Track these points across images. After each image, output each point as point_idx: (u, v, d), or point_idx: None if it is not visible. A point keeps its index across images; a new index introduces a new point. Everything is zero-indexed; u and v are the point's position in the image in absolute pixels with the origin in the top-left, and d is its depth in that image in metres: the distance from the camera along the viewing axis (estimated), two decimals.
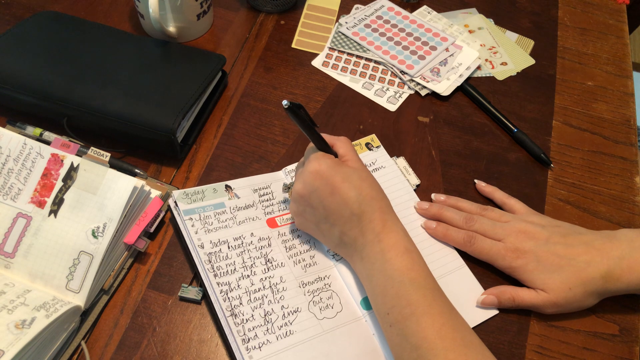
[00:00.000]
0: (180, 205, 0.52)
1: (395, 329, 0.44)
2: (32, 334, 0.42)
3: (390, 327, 0.44)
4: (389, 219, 0.48)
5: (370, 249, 0.47)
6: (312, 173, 0.48)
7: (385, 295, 0.45)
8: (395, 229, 0.47)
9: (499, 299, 0.51)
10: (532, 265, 0.50)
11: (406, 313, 0.43)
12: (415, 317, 0.43)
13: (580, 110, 0.69)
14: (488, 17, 0.78)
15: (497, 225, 0.53)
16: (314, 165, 0.48)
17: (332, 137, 0.52)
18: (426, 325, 0.42)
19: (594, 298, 0.50)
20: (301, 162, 0.53)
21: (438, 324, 0.42)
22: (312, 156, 0.49)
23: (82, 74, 0.58)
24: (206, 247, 0.51)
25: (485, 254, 0.53)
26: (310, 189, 0.48)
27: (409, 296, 0.44)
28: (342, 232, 0.49)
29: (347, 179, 0.47)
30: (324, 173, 0.48)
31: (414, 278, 0.45)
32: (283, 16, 0.75)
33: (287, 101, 0.46)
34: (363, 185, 0.48)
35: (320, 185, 0.48)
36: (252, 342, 0.47)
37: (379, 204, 0.48)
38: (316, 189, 0.48)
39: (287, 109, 0.46)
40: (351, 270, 0.52)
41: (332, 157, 0.50)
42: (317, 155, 0.49)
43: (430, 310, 0.43)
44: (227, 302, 0.48)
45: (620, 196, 0.62)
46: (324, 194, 0.48)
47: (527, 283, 0.51)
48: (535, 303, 0.50)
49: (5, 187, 0.51)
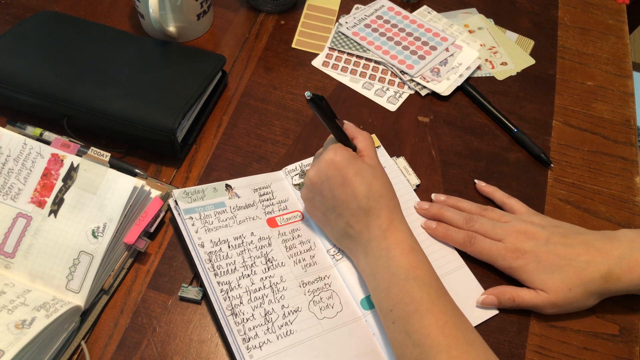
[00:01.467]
0: (180, 204, 0.52)
1: (398, 325, 0.44)
2: (32, 334, 0.42)
3: (393, 324, 0.44)
4: (395, 217, 0.48)
5: (376, 244, 0.47)
6: (327, 162, 0.49)
7: (389, 292, 0.45)
8: (402, 227, 0.48)
9: (499, 299, 0.51)
10: (532, 265, 0.50)
11: (410, 310, 0.43)
12: (419, 314, 0.43)
13: (580, 110, 0.69)
14: (488, 17, 0.78)
15: (497, 225, 0.53)
16: (330, 155, 0.49)
17: (354, 130, 0.53)
18: (429, 323, 0.42)
19: (594, 298, 0.50)
20: (320, 151, 0.54)
21: (441, 321, 0.42)
22: (330, 146, 0.50)
23: (82, 74, 0.58)
24: (206, 246, 0.51)
25: (485, 254, 0.53)
26: (323, 177, 0.49)
27: (413, 293, 0.44)
28: (348, 224, 0.49)
29: (359, 173, 0.48)
30: (339, 164, 0.48)
31: (419, 276, 0.45)
32: (283, 16, 0.75)
33: (309, 92, 0.47)
34: (374, 182, 0.48)
35: (333, 175, 0.48)
36: (253, 341, 0.47)
37: (387, 203, 0.48)
38: (328, 178, 0.49)
39: (309, 100, 0.47)
40: (351, 271, 0.52)
41: (350, 150, 0.50)
42: (335, 146, 0.50)
43: (434, 308, 0.43)
44: (228, 301, 0.48)
45: (620, 196, 0.62)
46: (335, 183, 0.48)
47: (527, 283, 0.51)
48: (535, 303, 0.50)
49: (5, 187, 0.51)
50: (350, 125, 0.53)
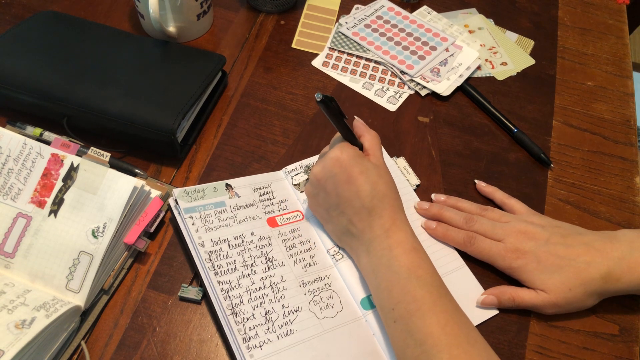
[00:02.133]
0: (180, 203, 0.52)
1: (399, 324, 0.44)
2: (32, 334, 0.42)
3: (394, 323, 0.44)
4: (398, 217, 0.48)
5: (378, 243, 0.47)
6: (332, 159, 0.49)
7: (391, 291, 0.45)
8: (404, 227, 0.48)
9: (499, 299, 0.51)
10: (532, 265, 0.50)
11: (412, 309, 0.43)
12: (421, 313, 0.43)
13: (580, 110, 0.69)
14: (488, 17, 0.78)
15: (497, 225, 0.53)
16: (336, 153, 0.49)
17: (363, 128, 0.53)
18: (431, 322, 0.42)
19: (594, 298, 0.50)
20: (325, 149, 0.54)
21: (443, 320, 0.42)
22: (337, 144, 0.50)
23: (82, 74, 0.58)
24: (207, 245, 0.51)
25: (486, 254, 0.53)
26: (328, 174, 0.49)
27: (415, 292, 0.44)
28: (350, 222, 0.49)
29: (364, 172, 0.48)
30: (344, 161, 0.48)
31: (421, 275, 0.45)
32: (283, 16, 0.75)
33: (320, 94, 0.47)
34: (379, 182, 0.48)
35: (338, 172, 0.49)
36: (253, 340, 0.47)
37: (391, 202, 0.48)
38: (333, 175, 0.49)
39: (319, 101, 0.47)
40: (351, 270, 0.52)
41: (356, 148, 0.50)
42: (342, 144, 0.50)
43: (436, 308, 0.43)
44: (228, 300, 0.48)
45: (620, 196, 0.62)
46: (340, 181, 0.49)
47: (527, 283, 0.51)
48: (535, 303, 0.50)
49: (5, 187, 0.51)
50: (360, 123, 0.53)
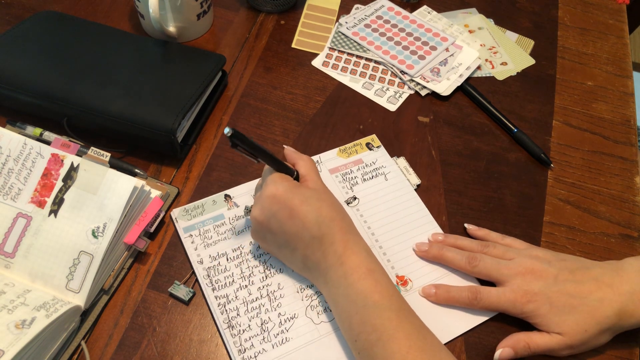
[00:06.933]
0: (180, 222, 0.53)
1: (363, 356, 0.43)
2: (32, 334, 0.42)
3: (359, 354, 0.44)
4: (350, 238, 0.46)
5: (334, 272, 0.46)
6: (269, 197, 0.47)
7: (351, 322, 0.44)
8: (357, 249, 0.46)
9: (515, 350, 0.48)
10: (544, 308, 0.48)
11: (372, 339, 0.42)
12: (382, 342, 0.42)
13: (580, 110, 0.69)
14: (488, 17, 0.78)
15: (501, 264, 0.51)
16: (270, 189, 0.47)
17: (295, 156, 0.51)
18: (392, 351, 0.41)
19: (608, 335, 0.48)
20: (259, 184, 0.52)
21: (405, 347, 0.41)
22: (268, 179, 0.48)
23: (82, 74, 0.58)
24: (205, 262, 0.52)
25: (494, 307, 0.50)
26: (269, 214, 0.47)
27: (373, 321, 0.43)
28: (305, 256, 0.47)
29: (305, 201, 0.46)
30: (282, 196, 0.46)
31: (377, 301, 0.43)
32: (283, 16, 0.75)
33: (228, 128, 0.43)
34: (322, 206, 0.47)
35: (279, 210, 0.46)
36: (248, 352, 0.47)
37: (340, 225, 0.47)
38: (274, 214, 0.47)
39: (230, 137, 0.43)
40: None
41: (290, 178, 0.48)
42: (273, 177, 0.48)
43: (396, 334, 0.42)
44: (225, 314, 0.49)
45: (620, 196, 0.62)
46: (283, 218, 0.46)
47: (541, 327, 0.49)
48: (550, 347, 0.48)
49: (5, 187, 0.51)
50: (290, 151, 0.52)
